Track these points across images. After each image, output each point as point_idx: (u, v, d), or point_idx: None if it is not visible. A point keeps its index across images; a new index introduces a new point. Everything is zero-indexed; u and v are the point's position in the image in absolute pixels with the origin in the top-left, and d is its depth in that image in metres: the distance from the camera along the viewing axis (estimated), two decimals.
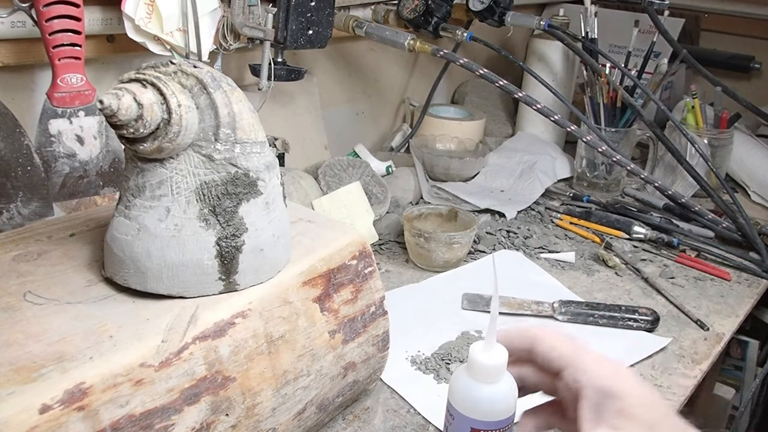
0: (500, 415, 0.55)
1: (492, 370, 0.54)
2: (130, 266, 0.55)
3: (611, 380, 0.48)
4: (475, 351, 0.55)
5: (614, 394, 0.47)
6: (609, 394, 0.47)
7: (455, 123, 1.41)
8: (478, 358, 0.54)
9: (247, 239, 0.56)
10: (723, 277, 1.07)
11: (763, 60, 1.66)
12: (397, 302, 0.92)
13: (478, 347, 0.55)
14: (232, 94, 0.55)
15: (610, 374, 0.48)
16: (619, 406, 0.46)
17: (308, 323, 0.61)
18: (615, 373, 0.49)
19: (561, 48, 1.43)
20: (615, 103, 1.34)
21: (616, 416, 0.45)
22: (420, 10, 1.21)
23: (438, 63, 1.48)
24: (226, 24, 0.96)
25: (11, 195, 0.78)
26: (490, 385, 0.54)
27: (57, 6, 0.76)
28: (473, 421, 0.55)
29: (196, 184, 0.54)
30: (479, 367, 0.54)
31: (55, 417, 0.43)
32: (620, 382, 0.48)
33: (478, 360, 0.54)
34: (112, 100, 0.49)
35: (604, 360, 0.50)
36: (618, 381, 0.48)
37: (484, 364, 0.54)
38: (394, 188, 1.22)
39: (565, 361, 0.51)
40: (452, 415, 0.57)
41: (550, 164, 1.40)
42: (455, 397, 0.56)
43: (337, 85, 1.36)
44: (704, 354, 0.88)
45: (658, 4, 1.35)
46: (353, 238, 0.67)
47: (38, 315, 0.52)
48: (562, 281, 1.02)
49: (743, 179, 1.40)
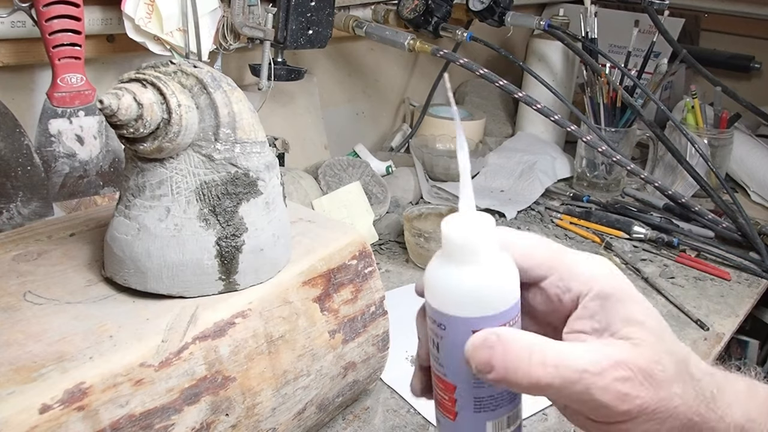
0: (504, 304, 0.39)
1: (477, 243, 0.39)
2: (130, 266, 0.55)
3: (610, 282, 0.40)
4: (449, 224, 0.40)
5: (617, 298, 0.39)
6: (611, 299, 0.39)
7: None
8: (456, 233, 0.39)
9: (247, 239, 0.56)
10: (723, 277, 1.07)
11: (763, 60, 1.66)
12: (397, 302, 0.92)
13: (453, 219, 0.41)
14: (232, 94, 0.55)
15: (606, 275, 0.41)
16: (625, 313, 0.39)
17: (308, 323, 0.60)
18: (610, 274, 0.41)
19: (561, 48, 1.43)
20: (615, 103, 1.34)
21: (625, 324, 0.38)
22: (420, 10, 1.21)
23: (438, 63, 1.48)
24: (226, 24, 0.96)
25: (11, 195, 0.78)
26: (479, 266, 0.39)
27: (57, 6, 0.76)
28: (471, 320, 0.39)
29: (196, 183, 0.54)
30: (460, 242, 0.39)
31: (55, 417, 0.43)
32: (619, 283, 0.40)
33: (455, 235, 0.39)
34: (112, 99, 0.49)
35: (591, 259, 0.42)
36: (616, 283, 0.40)
37: (465, 237, 0.39)
38: (394, 188, 1.22)
39: (548, 267, 0.42)
40: (441, 325, 0.41)
41: (550, 164, 1.40)
42: (440, 298, 0.41)
43: (337, 85, 1.36)
44: (704, 354, 0.88)
45: (658, 4, 1.35)
46: (353, 238, 0.67)
47: (38, 315, 0.52)
48: None
49: (743, 179, 1.40)
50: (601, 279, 0.40)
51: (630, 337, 0.38)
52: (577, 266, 0.41)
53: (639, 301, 0.40)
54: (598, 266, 0.41)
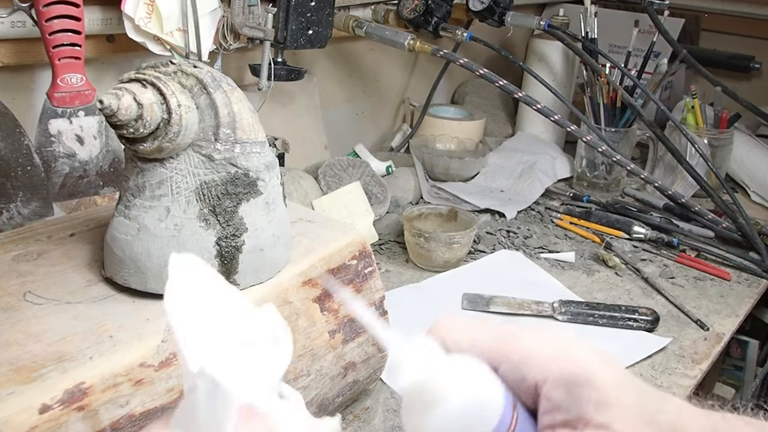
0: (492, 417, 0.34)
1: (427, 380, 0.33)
2: (130, 266, 0.55)
3: (569, 364, 0.35)
4: (392, 378, 0.34)
5: (582, 381, 0.34)
6: (575, 384, 0.34)
7: (455, 123, 1.41)
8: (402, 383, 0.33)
9: (247, 239, 0.56)
10: (723, 277, 1.07)
11: (763, 60, 1.66)
12: (397, 302, 0.92)
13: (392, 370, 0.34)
14: (232, 94, 0.55)
15: (562, 354, 0.35)
16: (596, 397, 0.34)
17: (308, 323, 0.60)
18: (567, 351, 0.35)
19: (561, 48, 1.43)
20: (615, 103, 1.34)
21: (598, 409, 0.34)
22: (420, 10, 1.21)
23: (438, 63, 1.48)
24: (226, 24, 0.96)
25: (11, 195, 0.78)
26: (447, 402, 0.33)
27: (57, 6, 0.76)
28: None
29: (196, 184, 0.54)
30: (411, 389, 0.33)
31: (55, 417, 0.43)
32: (578, 361, 0.35)
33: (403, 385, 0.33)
34: (112, 100, 0.49)
35: (544, 337, 0.36)
36: (576, 361, 0.35)
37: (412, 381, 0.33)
38: (394, 188, 1.22)
39: (495, 357, 0.36)
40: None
41: (550, 164, 1.40)
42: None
43: (337, 85, 1.36)
44: (704, 354, 0.88)
45: (658, 4, 1.35)
46: (353, 238, 0.67)
47: (38, 315, 0.52)
48: (562, 281, 1.02)
49: (743, 179, 1.40)
50: (559, 361, 0.35)
51: (607, 425, 0.34)
52: (529, 350, 0.36)
53: (606, 374, 0.35)
54: (552, 344, 0.36)
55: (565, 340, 0.36)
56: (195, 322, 0.30)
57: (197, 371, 0.28)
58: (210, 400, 0.28)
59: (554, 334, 0.37)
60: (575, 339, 0.36)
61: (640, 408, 0.35)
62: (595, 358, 0.36)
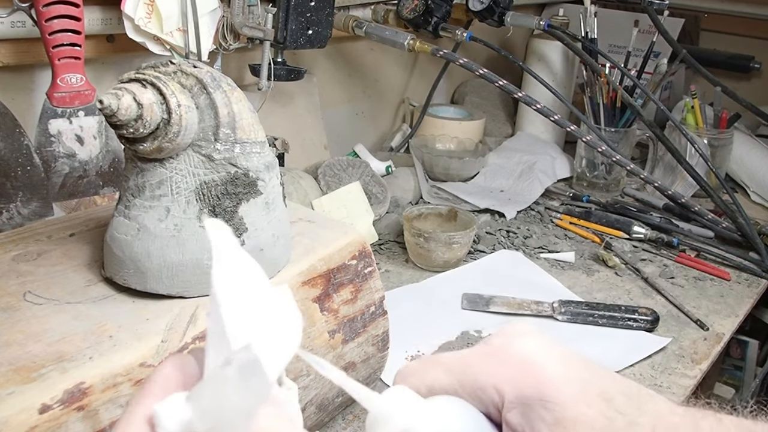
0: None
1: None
2: (130, 266, 0.55)
3: (523, 381, 0.33)
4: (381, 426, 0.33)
5: (538, 399, 0.32)
6: (531, 404, 0.32)
7: (455, 123, 1.41)
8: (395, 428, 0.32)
9: (247, 239, 0.56)
10: (723, 277, 1.07)
11: (763, 60, 1.66)
12: (397, 302, 0.92)
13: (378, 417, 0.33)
14: (231, 94, 0.55)
15: (516, 370, 0.33)
16: (552, 416, 0.31)
17: (308, 323, 0.60)
18: (522, 368, 0.33)
19: (561, 48, 1.43)
20: (615, 103, 1.35)
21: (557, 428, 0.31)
22: (420, 10, 1.21)
23: (438, 63, 1.48)
24: (225, 24, 0.96)
25: (11, 195, 0.78)
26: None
27: (57, 6, 0.76)
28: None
29: (195, 184, 0.54)
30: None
31: (55, 417, 0.43)
32: (535, 377, 0.33)
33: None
34: (112, 100, 0.49)
35: (495, 357, 0.34)
36: (530, 376, 0.33)
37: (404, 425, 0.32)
38: (394, 188, 1.22)
39: (455, 388, 0.35)
40: None
41: (549, 164, 1.40)
42: None
43: (337, 85, 1.36)
44: (704, 354, 0.88)
45: (658, 4, 1.35)
46: (353, 238, 0.67)
47: (38, 315, 0.52)
48: (561, 281, 1.02)
49: (743, 179, 1.40)
50: (513, 380, 0.33)
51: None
52: (482, 377, 0.34)
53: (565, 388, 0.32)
54: (505, 365, 0.34)
55: (519, 356, 0.34)
56: (235, 296, 0.29)
57: (240, 348, 0.27)
58: (245, 380, 0.26)
59: (509, 349, 0.34)
60: (534, 349, 0.34)
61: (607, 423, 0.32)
62: (554, 370, 0.33)
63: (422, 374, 0.36)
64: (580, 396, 0.32)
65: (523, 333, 0.35)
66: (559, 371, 0.33)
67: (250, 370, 0.26)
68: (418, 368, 0.36)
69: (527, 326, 0.36)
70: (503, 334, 0.36)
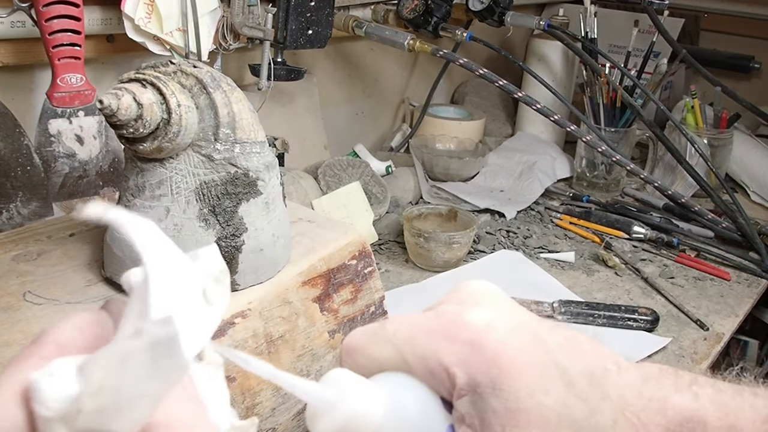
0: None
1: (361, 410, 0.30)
2: (130, 266, 0.54)
3: (473, 364, 0.29)
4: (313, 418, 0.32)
5: (488, 386, 0.28)
6: (480, 391, 0.29)
7: (455, 123, 1.41)
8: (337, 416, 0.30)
9: (247, 239, 0.56)
10: (723, 277, 1.07)
11: (763, 60, 1.66)
12: (396, 302, 0.92)
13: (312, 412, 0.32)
14: (231, 94, 0.55)
15: (467, 353, 0.29)
16: (503, 407, 0.28)
17: (308, 323, 0.60)
18: (474, 345, 0.29)
19: (561, 48, 1.43)
20: (615, 103, 1.35)
21: (506, 422, 0.28)
22: (420, 10, 1.21)
23: (438, 63, 1.48)
24: (225, 24, 0.96)
25: (11, 195, 0.78)
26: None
27: (57, 6, 0.76)
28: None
29: (195, 184, 0.54)
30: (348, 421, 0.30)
31: None
32: (487, 358, 0.29)
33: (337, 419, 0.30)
34: (112, 99, 0.49)
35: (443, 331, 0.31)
36: (484, 358, 0.29)
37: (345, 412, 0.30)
38: (394, 188, 1.22)
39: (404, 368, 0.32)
40: None
41: (549, 164, 1.40)
42: None
43: (337, 85, 1.36)
44: (704, 354, 0.88)
45: (658, 4, 1.35)
46: (353, 238, 0.67)
47: (38, 315, 0.52)
48: (561, 281, 1.02)
49: (743, 179, 1.40)
50: (464, 362, 0.29)
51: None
52: (433, 353, 0.30)
53: (521, 370, 0.29)
54: (459, 340, 0.30)
55: (471, 333, 0.30)
56: (159, 268, 0.27)
57: (158, 319, 0.23)
58: (157, 357, 0.22)
59: (460, 323, 0.31)
60: (487, 324, 0.30)
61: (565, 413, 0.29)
62: (508, 351, 0.29)
63: (368, 350, 0.33)
64: (538, 381, 0.29)
65: (475, 300, 0.32)
66: (515, 353, 0.29)
67: (164, 346, 0.22)
68: (363, 343, 0.33)
69: (480, 285, 0.33)
70: (455, 301, 0.33)
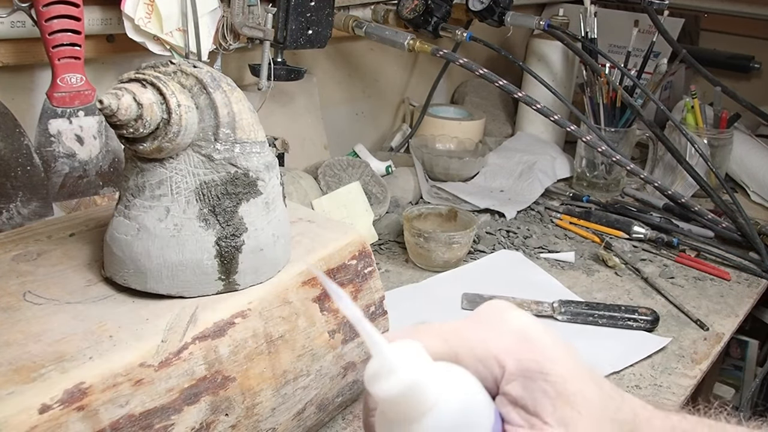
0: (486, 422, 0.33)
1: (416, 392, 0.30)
2: (130, 266, 0.55)
3: (524, 353, 0.32)
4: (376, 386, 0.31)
5: (540, 372, 0.31)
6: (533, 376, 0.32)
7: (455, 123, 1.41)
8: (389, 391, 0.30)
9: (247, 239, 0.56)
10: (723, 277, 1.07)
11: (763, 60, 1.66)
12: (396, 302, 0.92)
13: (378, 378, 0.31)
14: (231, 94, 0.55)
15: (517, 342, 0.33)
16: (554, 390, 0.31)
17: (308, 323, 0.60)
18: (522, 338, 0.33)
19: (561, 48, 1.43)
20: (615, 103, 1.34)
21: (557, 404, 0.31)
22: (419, 10, 1.21)
23: (438, 63, 1.48)
24: (225, 24, 0.96)
25: (11, 195, 0.78)
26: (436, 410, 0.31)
27: (57, 6, 0.76)
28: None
29: (195, 183, 0.54)
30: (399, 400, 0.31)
31: (54, 417, 0.43)
32: (536, 348, 0.32)
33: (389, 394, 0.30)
34: (112, 99, 0.49)
35: (496, 323, 0.34)
36: (533, 348, 0.32)
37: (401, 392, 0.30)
38: (394, 188, 1.22)
39: (452, 356, 0.34)
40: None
41: (549, 164, 1.40)
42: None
43: (337, 85, 1.36)
44: (704, 354, 0.88)
45: (658, 4, 1.35)
46: (353, 238, 0.67)
47: (38, 315, 0.52)
48: (561, 281, 1.02)
49: (743, 179, 1.40)
50: (513, 351, 0.33)
51: (565, 421, 0.31)
52: (482, 343, 0.33)
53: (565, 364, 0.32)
54: (505, 334, 0.33)
55: (516, 328, 0.33)
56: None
57: None
58: None
59: (505, 321, 0.34)
60: (529, 322, 0.34)
61: (602, 404, 0.32)
62: (553, 345, 0.33)
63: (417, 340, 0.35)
64: (576, 373, 0.32)
65: (511, 306, 0.35)
66: (554, 345, 0.33)
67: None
68: (410, 335, 0.35)
69: (504, 302, 0.36)
70: (492, 308, 0.36)
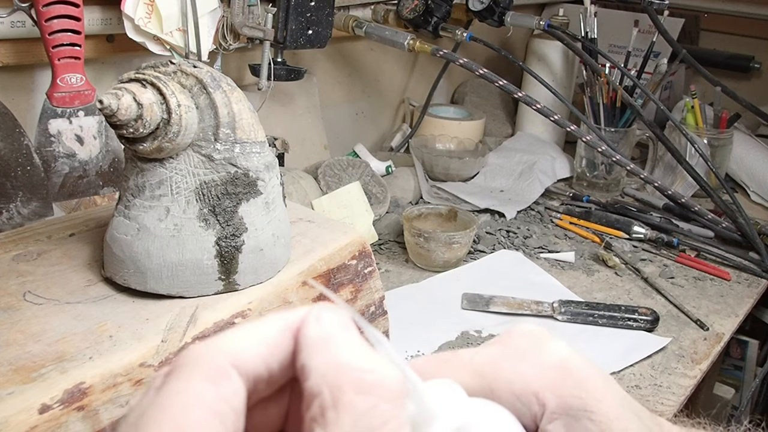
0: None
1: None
2: (130, 266, 0.55)
3: (567, 389, 0.30)
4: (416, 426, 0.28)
5: (584, 410, 0.29)
6: (576, 416, 0.29)
7: (455, 123, 1.41)
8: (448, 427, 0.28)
9: (247, 239, 0.56)
10: (723, 277, 1.07)
11: (763, 60, 1.66)
12: (396, 302, 0.92)
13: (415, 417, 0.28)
14: (231, 94, 0.55)
15: (558, 377, 0.30)
16: (601, 428, 0.29)
17: None
18: (563, 373, 0.30)
19: (561, 48, 1.43)
20: (615, 103, 1.34)
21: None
22: (419, 10, 1.21)
23: (438, 63, 1.48)
24: (225, 24, 0.96)
25: (11, 195, 0.78)
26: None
27: (57, 6, 0.76)
28: None
29: (195, 183, 0.54)
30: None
31: (54, 417, 0.43)
32: (579, 384, 0.30)
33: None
34: (112, 99, 0.49)
35: (531, 354, 0.31)
36: (576, 384, 0.30)
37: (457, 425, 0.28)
38: (394, 188, 1.22)
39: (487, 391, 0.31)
40: None
41: (549, 164, 1.40)
42: None
43: (337, 85, 1.36)
44: (704, 354, 0.88)
45: (658, 4, 1.35)
46: (353, 238, 0.67)
47: (38, 315, 0.52)
48: (561, 281, 1.02)
49: (743, 179, 1.40)
50: (554, 387, 0.30)
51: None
52: (520, 377, 0.31)
53: (607, 400, 0.30)
54: (547, 367, 0.30)
55: (556, 360, 0.31)
56: None
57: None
58: None
59: (543, 352, 0.31)
60: (569, 354, 0.31)
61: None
62: (595, 378, 0.30)
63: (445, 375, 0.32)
64: (620, 410, 0.30)
65: (548, 335, 0.32)
66: (596, 379, 0.30)
67: None
68: (437, 367, 0.32)
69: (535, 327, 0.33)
70: (528, 336, 0.32)
